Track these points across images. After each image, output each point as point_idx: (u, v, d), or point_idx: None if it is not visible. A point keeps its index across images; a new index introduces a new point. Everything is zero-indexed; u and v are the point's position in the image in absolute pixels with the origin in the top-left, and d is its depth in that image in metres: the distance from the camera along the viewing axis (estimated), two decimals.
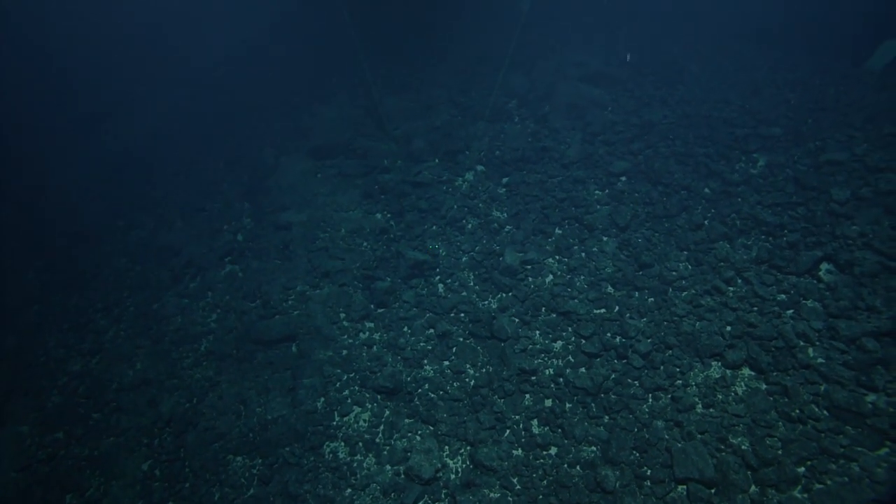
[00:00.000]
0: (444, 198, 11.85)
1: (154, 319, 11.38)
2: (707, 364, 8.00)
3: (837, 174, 9.75)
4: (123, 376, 10.51)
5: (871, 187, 9.28)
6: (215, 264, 12.00)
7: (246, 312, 10.84)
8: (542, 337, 9.15)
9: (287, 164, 13.42)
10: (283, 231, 12.01)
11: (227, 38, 19.76)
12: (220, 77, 17.80)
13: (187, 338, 10.86)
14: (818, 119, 11.14)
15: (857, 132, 10.60)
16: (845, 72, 13.54)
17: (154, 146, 15.59)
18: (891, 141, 10.13)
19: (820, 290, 8.29)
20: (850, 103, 11.54)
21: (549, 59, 14.86)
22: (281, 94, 16.33)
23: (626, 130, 12.09)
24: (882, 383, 6.98)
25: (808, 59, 14.87)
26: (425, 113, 13.48)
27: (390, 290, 10.49)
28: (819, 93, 12.07)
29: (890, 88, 12.11)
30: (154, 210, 13.63)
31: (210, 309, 11.28)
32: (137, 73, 18.74)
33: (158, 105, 17.39)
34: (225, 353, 10.39)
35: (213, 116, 16.35)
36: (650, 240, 9.92)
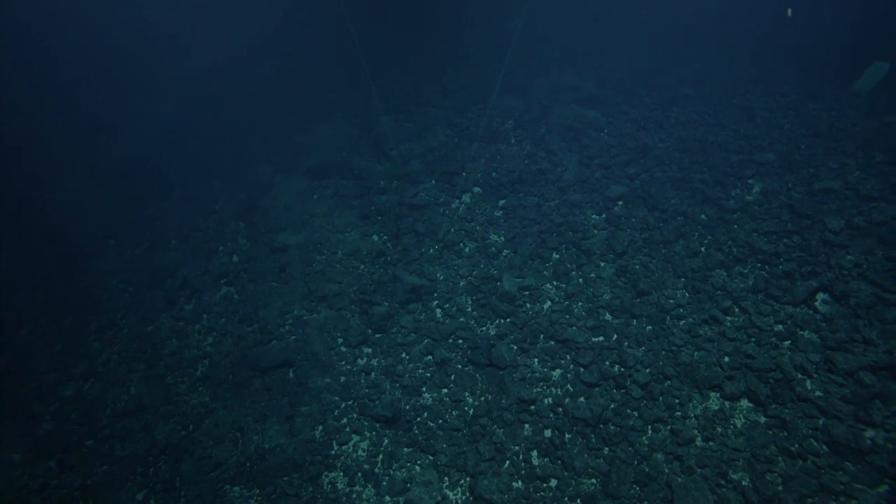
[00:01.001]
0: (441, 220, 11.85)
1: (148, 342, 11.27)
2: (706, 395, 8.04)
3: (831, 202, 9.87)
4: (117, 402, 10.38)
5: (864, 217, 9.40)
6: (211, 286, 11.91)
7: (242, 337, 10.76)
8: (541, 365, 9.15)
9: (283, 183, 13.36)
10: (279, 253, 11.94)
11: (219, 54, 19.68)
12: (214, 93, 17.71)
13: (182, 362, 10.76)
14: (811, 145, 11.28)
15: (849, 159, 10.74)
16: (836, 95, 13.72)
17: (147, 163, 15.46)
18: (882, 170, 10.27)
19: (816, 321, 8.36)
20: (842, 129, 11.69)
21: (544, 79, 14.93)
22: (276, 112, 16.27)
23: (622, 154, 12.16)
24: (880, 419, 7.05)
25: (799, 81, 15.06)
26: (421, 133, 13.49)
27: (388, 315, 10.46)
28: (812, 118, 12.22)
29: (880, 114, 12.29)
30: (148, 229, 13.51)
31: (206, 332, 11.19)
32: (129, 88, 18.59)
33: (151, 121, 17.26)
34: (221, 378, 10.30)
35: (207, 133, 16.26)
36: (647, 266, 9.97)
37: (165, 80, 19.11)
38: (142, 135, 16.82)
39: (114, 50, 19.88)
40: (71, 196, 14.83)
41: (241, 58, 18.84)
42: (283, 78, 17.01)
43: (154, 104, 18.26)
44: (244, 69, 18.29)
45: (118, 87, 18.70)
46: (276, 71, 17.10)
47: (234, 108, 16.86)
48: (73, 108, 17.73)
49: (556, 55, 16.57)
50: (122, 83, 18.82)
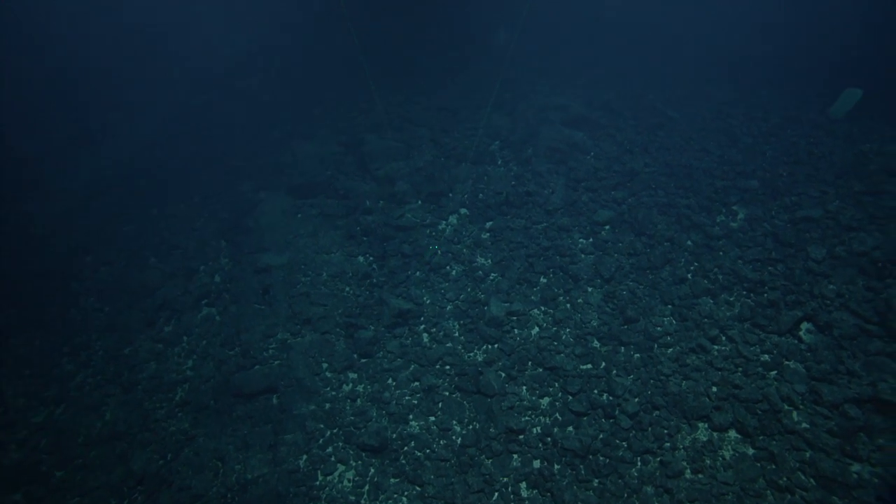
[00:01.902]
0: (428, 242, 11.75)
1: (125, 365, 10.88)
2: (694, 426, 8.05)
3: (813, 231, 10.04)
4: (91, 428, 9.99)
5: (845, 246, 9.58)
6: (191, 307, 11.59)
7: (224, 361, 10.47)
8: (529, 393, 9.08)
9: (266, 201, 13.11)
10: (262, 274, 11.69)
11: (200, 68, 19.33)
12: (195, 108, 17.35)
13: (161, 386, 10.42)
14: (793, 172, 11.49)
15: (829, 188, 10.96)
16: (813, 120, 14.05)
17: (125, 178, 15.03)
18: (861, 199, 10.50)
19: (801, 350, 8.46)
20: (821, 157, 11.94)
21: (531, 99, 14.99)
22: (259, 127, 16.02)
23: (609, 177, 12.24)
24: (866, 452, 7.13)
25: (778, 105, 15.40)
26: (408, 152, 13.39)
27: (374, 340, 10.29)
28: (791, 145, 12.47)
29: (855, 141, 12.60)
30: (126, 246, 13.11)
31: (186, 355, 10.87)
32: (108, 102, 18.12)
33: (129, 135, 16.80)
34: (202, 403, 9.99)
35: (188, 148, 15.89)
36: (635, 292, 10.00)
37: (146, 95, 18.67)
38: (120, 150, 16.34)
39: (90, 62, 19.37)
40: (45, 211, 14.33)
41: (223, 72, 18.55)
42: (267, 93, 16.81)
43: (134, 119, 17.81)
44: (227, 84, 18.02)
45: (94, 101, 18.18)
46: (260, 85, 16.87)
47: (216, 123, 16.56)
48: (50, 122, 17.18)
49: (543, 74, 16.70)
50: (97, 98, 18.31)
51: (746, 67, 18.04)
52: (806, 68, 17.52)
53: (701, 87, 16.35)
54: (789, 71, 18.07)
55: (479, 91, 15.55)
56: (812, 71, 17.44)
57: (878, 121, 14.42)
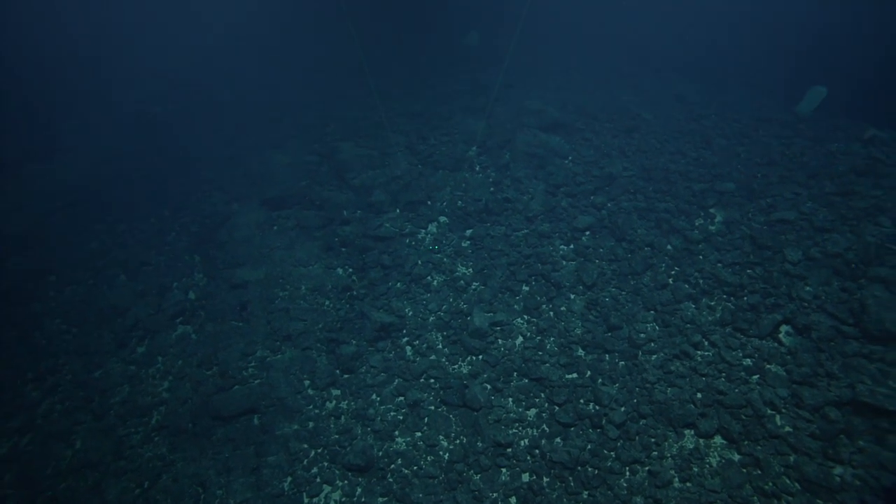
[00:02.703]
0: (408, 252, 11.58)
1: (96, 390, 10.44)
2: (681, 434, 8.09)
3: (788, 233, 10.20)
4: (60, 459, 9.55)
5: (819, 248, 9.76)
6: (165, 326, 11.19)
7: (202, 382, 10.13)
8: (516, 405, 9.01)
9: (240, 214, 12.73)
10: (239, 289, 11.36)
11: (163, 75, 18.70)
12: (158, 117, 16.73)
13: (136, 410, 10.02)
14: (767, 174, 11.67)
15: (801, 189, 11.16)
16: (784, 120, 14.33)
17: (88, 192, 14.38)
18: (832, 200, 10.71)
19: (782, 353, 8.58)
20: (793, 157, 12.17)
21: (507, 103, 14.91)
22: (228, 137, 15.55)
23: (587, 182, 12.24)
24: (847, 455, 7.25)
25: (748, 104, 15.67)
26: (384, 161, 13.16)
27: (356, 355, 10.09)
28: (764, 146, 12.67)
29: (823, 141, 12.88)
30: (92, 264, 12.58)
31: (161, 377, 10.48)
32: (67, 110, 17.36)
33: (89, 147, 16.07)
34: (179, 427, 9.65)
35: (154, 160, 15.31)
36: (617, 299, 10.01)
37: (106, 103, 17.95)
38: (80, 163, 15.61)
39: (50, 70, 18.56)
40: (1, 233, 13.67)
41: (188, 79, 17.97)
42: (236, 100, 16.33)
43: (94, 131, 17.08)
44: (192, 91, 17.46)
45: (52, 110, 17.39)
46: (229, 93, 16.38)
47: (183, 132, 16.01)
48: (4, 134, 16.35)
49: (517, 78, 16.63)
50: (56, 107, 17.52)
51: (715, 66, 18.32)
52: (773, 66, 17.89)
53: (673, 86, 16.51)
54: (757, 69, 18.42)
55: (453, 95, 15.40)
56: (779, 69, 17.80)
57: (842, 118, 14.80)
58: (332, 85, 17.19)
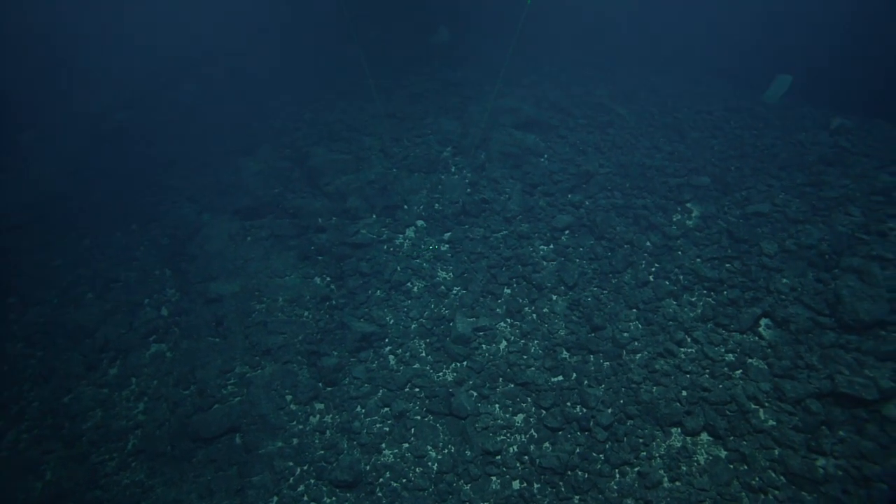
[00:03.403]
0: (387, 259, 11.38)
1: (65, 416, 10.02)
2: (668, 433, 8.14)
3: (764, 226, 10.32)
4: (30, 491, 9.14)
5: (794, 240, 9.90)
6: (138, 345, 10.79)
7: (179, 402, 9.81)
8: (503, 411, 8.94)
9: (211, 225, 12.33)
10: (214, 304, 11.01)
11: (126, 80, 17.99)
12: (121, 124, 16.07)
13: (110, 435, 9.65)
14: (740, 167, 11.79)
15: (773, 181, 11.31)
16: (753, 110, 14.52)
17: (49, 206, 13.75)
18: (804, 191, 10.88)
19: (763, 347, 8.68)
20: (764, 149, 12.32)
21: (480, 102, 14.75)
22: (197, 144, 15.03)
23: (564, 181, 12.19)
24: (829, 446, 7.38)
25: (718, 94, 15.84)
26: (357, 165, 12.88)
27: (339, 367, 9.89)
28: (736, 138, 12.81)
29: (792, 132, 13.08)
30: (56, 282, 12.05)
31: (135, 398, 10.11)
32: (24, 120, 16.58)
33: (48, 158, 15.35)
34: (157, 451, 9.32)
35: (118, 169, 14.70)
36: (599, 298, 10.01)
37: (66, 111, 17.18)
38: (39, 175, 14.91)
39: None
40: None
41: (151, 84, 17.33)
42: (204, 104, 15.79)
43: (53, 139, 16.35)
44: (157, 95, 16.83)
45: (5, 121, 16.57)
46: (195, 97, 15.84)
47: (149, 140, 15.42)
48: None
49: (489, 74, 16.48)
50: (10, 116, 16.71)
51: (685, 56, 18.48)
52: (742, 55, 18.13)
53: (645, 79, 16.59)
54: (724, 57, 18.64)
55: (425, 94, 15.17)
56: (748, 57, 18.05)
57: (807, 105, 15.09)
58: (302, 87, 16.75)
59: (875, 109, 15.02)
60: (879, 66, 16.99)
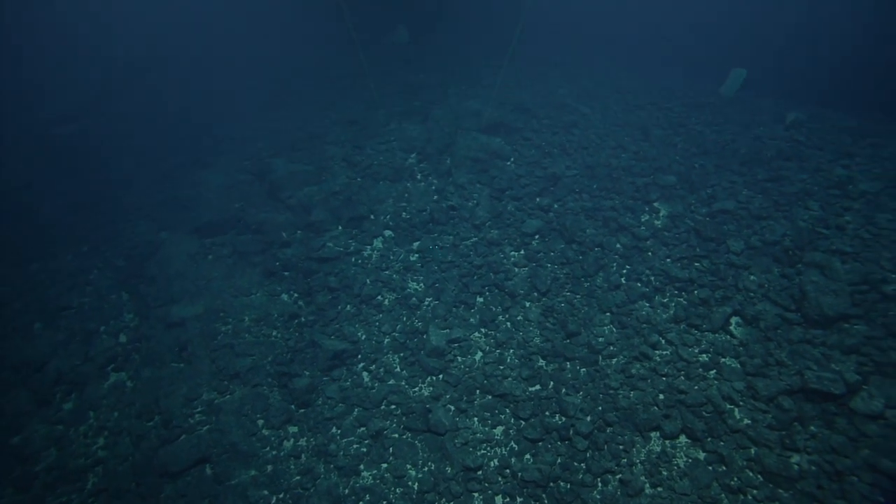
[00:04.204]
0: (355, 272, 11.08)
1: (16, 458, 9.39)
2: (647, 438, 8.15)
3: (729, 223, 10.47)
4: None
5: (758, 236, 10.06)
6: (95, 376, 10.21)
7: (144, 435, 9.32)
8: (482, 424, 8.81)
9: (170, 244, 11.77)
10: (176, 328, 10.51)
11: (71, 88, 17.04)
12: (73, 139, 15.19)
13: (67, 476, 9.09)
14: (704, 164, 11.93)
15: (736, 177, 11.49)
16: (713, 105, 14.75)
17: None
18: (765, 187, 11.08)
19: (734, 346, 8.79)
20: (725, 145, 12.50)
21: (443, 105, 14.53)
22: (152, 157, 14.33)
23: (532, 184, 12.12)
24: (802, 442, 7.51)
25: (678, 90, 16.04)
26: (319, 176, 12.49)
27: (311, 387, 9.58)
28: (698, 134, 12.96)
29: (749, 126, 13.34)
30: (0, 314, 11.31)
31: (94, 434, 9.56)
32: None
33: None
34: (121, 488, 8.83)
35: (65, 186, 13.90)
36: (573, 304, 9.97)
37: (7, 126, 16.15)
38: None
39: None
40: None
41: (100, 92, 16.45)
42: (157, 115, 15.05)
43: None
44: (108, 107, 15.98)
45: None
46: (148, 107, 15.08)
47: (100, 154, 14.62)
48: None
49: (451, 76, 16.28)
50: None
51: (643, 52, 18.65)
52: (701, 50, 18.42)
53: (607, 76, 16.66)
54: (680, 53, 18.91)
55: (388, 100, 14.85)
56: (706, 51, 18.35)
57: (762, 98, 15.45)
58: (258, 94, 16.20)
59: (823, 99, 15.55)
60: (826, 59, 17.54)
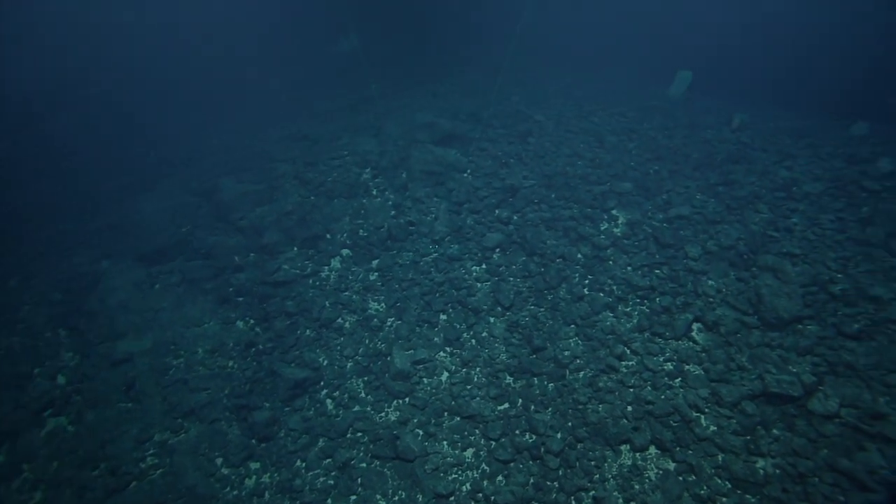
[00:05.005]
0: (313, 294, 10.69)
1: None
2: (618, 451, 8.12)
3: (686, 229, 10.63)
4: None
5: (714, 241, 10.25)
6: (29, 423, 9.43)
7: (88, 486, 8.66)
8: (451, 447, 8.60)
9: (112, 274, 11.04)
10: (122, 365, 9.85)
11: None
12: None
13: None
14: (658, 169, 12.10)
15: (690, 181, 11.69)
16: (663, 108, 15.02)
17: None
18: (717, 191, 11.32)
19: (697, 353, 8.89)
20: (677, 150, 12.73)
21: (396, 117, 14.23)
22: (88, 181, 13.43)
23: (490, 196, 11.99)
24: (766, 446, 7.63)
25: (628, 94, 16.28)
26: (271, 195, 11.99)
27: (272, 419, 9.14)
28: (651, 140, 13.15)
29: (698, 129, 13.65)
30: None
31: (30, 488, 8.78)
32: None
33: None
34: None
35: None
36: (537, 317, 9.89)
37: None
38: None
39: None
40: None
41: (22, 112, 15.33)
42: (90, 135, 14.12)
43: None
44: (27, 128, 14.89)
45: None
46: (80, 125, 14.14)
47: (29, 178, 13.62)
48: None
49: (400, 87, 16.01)
50: None
51: (598, 55, 18.89)
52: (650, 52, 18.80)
53: (558, 81, 16.75)
54: (628, 57, 19.24)
55: (339, 113, 14.45)
56: (655, 54, 18.74)
57: (708, 98, 15.88)
58: (201, 110, 15.50)
59: (765, 98, 16.14)
60: (765, 60, 18.19)
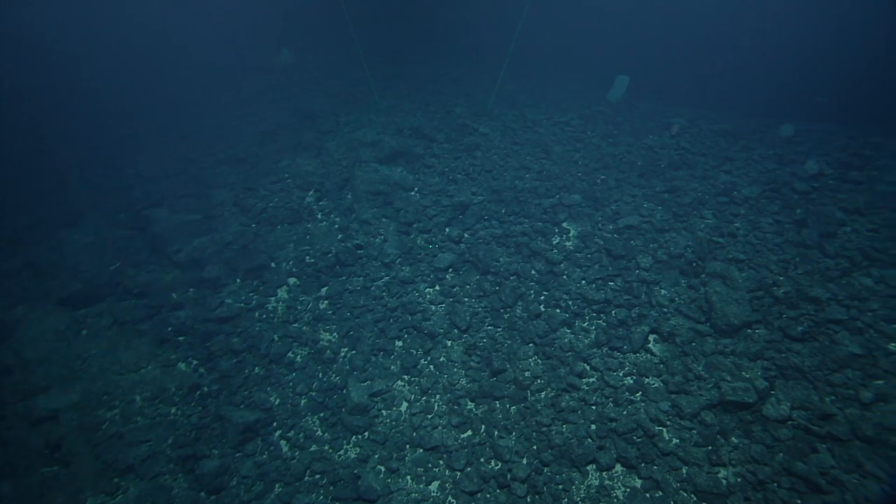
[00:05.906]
0: (261, 328, 10.10)
1: None
2: (585, 473, 8.01)
3: (636, 238, 10.71)
4: None
5: (664, 250, 10.37)
6: None
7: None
8: (415, 482, 8.26)
9: (29, 322, 10.04)
10: (45, 424, 8.94)
11: None
12: None
13: None
14: (605, 179, 12.19)
15: (637, 190, 11.83)
16: (605, 115, 15.22)
17: None
18: (663, 198, 11.50)
19: (655, 364, 8.92)
20: (622, 157, 12.88)
21: (337, 136, 13.75)
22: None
23: (439, 214, 11.72)
24: (727, 455, 7.70)
25: (568, 101, 16.44)
26: (210, 224, 11.28)
27: (222, 468, 8.52)
28: (595, 148, 13.26)
29: (640, 134, 13.89)
30: None
31: None
32: None
33: None
34: None
35: None
36: (495, 338, 9.70)
37: None
38: None
39: None
40: None
41: None
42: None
43: None
44: None
45: None
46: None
47: None
48: None
49: (342, 101, 15.54)
50: None
51: (528, 62, 19.00)
52: (589, 55, 19.09)
53: (500, 90, 16.71)
54: (564, 62, 19.49)
55: (278, 132, 13.82)
56: (595, 58, 19.04)
57: (646, 102, 16.23)
58: (126, 135, 14.50)
59: (699, 100, 16.71)
60: (698, 62, 18.85)
